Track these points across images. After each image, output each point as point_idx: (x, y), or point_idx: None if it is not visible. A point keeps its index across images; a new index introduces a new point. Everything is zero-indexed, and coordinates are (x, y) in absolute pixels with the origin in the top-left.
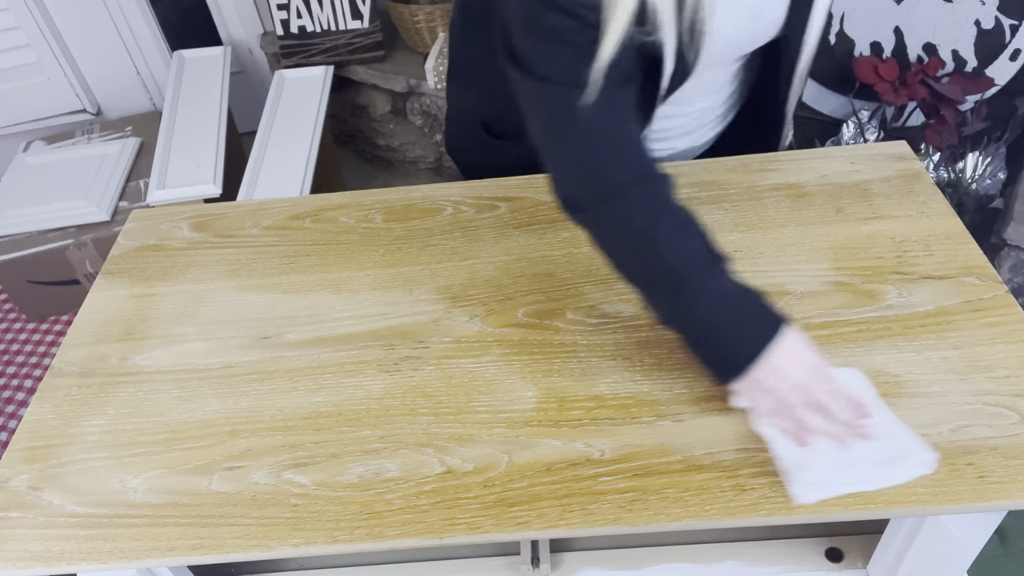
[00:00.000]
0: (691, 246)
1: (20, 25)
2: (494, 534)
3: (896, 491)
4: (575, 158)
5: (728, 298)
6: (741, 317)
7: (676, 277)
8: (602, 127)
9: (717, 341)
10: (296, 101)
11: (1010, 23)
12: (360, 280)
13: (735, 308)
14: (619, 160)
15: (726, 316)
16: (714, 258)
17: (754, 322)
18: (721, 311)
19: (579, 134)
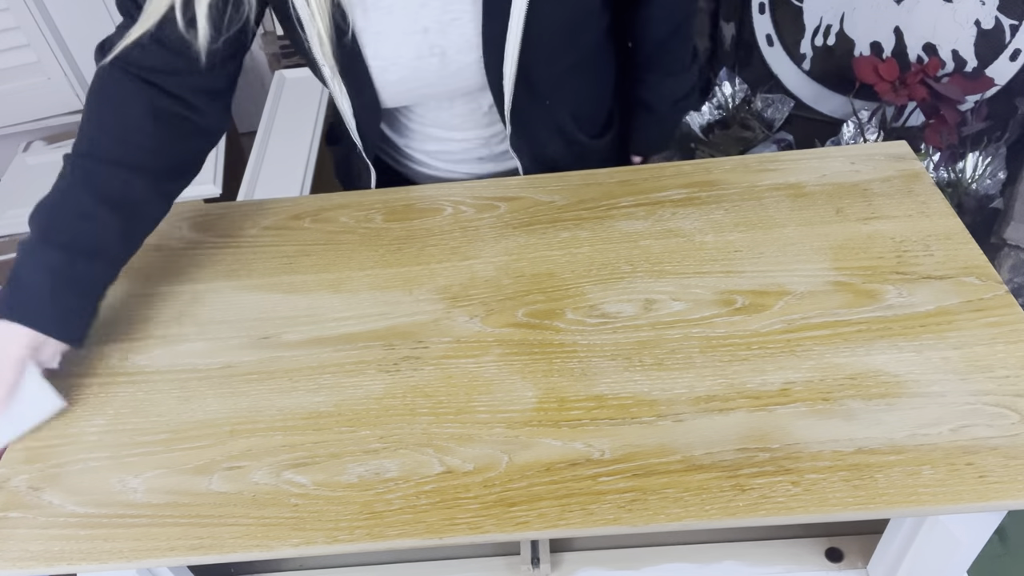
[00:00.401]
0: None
1: (20, 25)
2: (494, 534)
3: (896, 491)
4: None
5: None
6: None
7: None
8: (98, 91)
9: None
10: (296, 101)
11: (1010, 23)
12: (360, 280)
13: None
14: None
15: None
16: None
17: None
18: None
19: (90, 91)
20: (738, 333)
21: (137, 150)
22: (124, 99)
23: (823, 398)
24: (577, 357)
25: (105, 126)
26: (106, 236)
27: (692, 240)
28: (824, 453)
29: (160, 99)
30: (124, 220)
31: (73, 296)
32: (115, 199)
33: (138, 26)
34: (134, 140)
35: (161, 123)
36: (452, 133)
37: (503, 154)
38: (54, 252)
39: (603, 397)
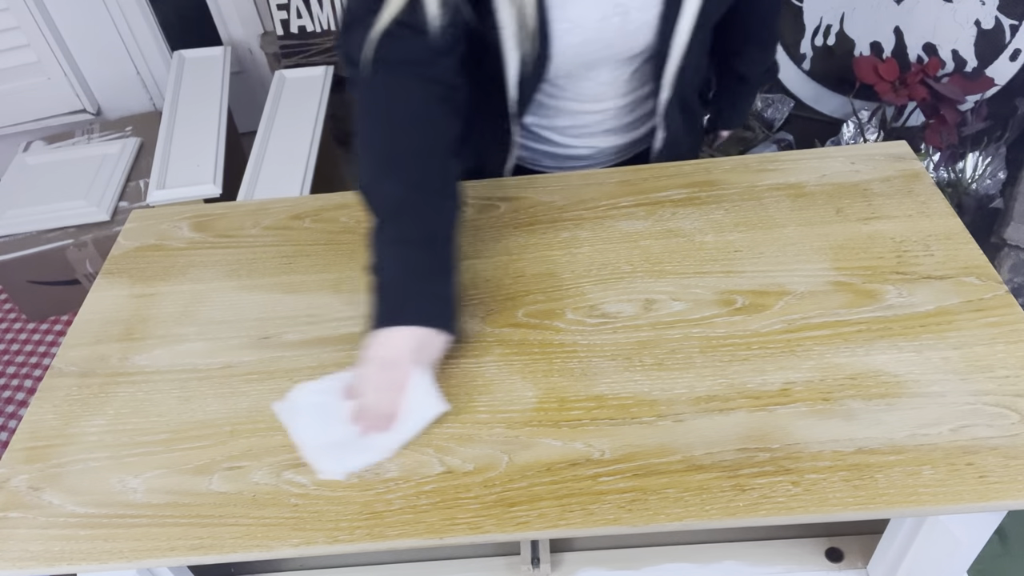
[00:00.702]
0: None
1: (20, 25)
2: (494, 534)
3: (896, 491)
4: (363, 136)
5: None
6: (413, 293)
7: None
8: (380, 103)
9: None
10: (296, 101)
11: (1010, 23)
12: (360, 280)
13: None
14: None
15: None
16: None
17: (413, 302)
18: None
19: (363, 111)
20: (738, 333)
21: (436, 146)
22: (409, 103)
23: (823, 398)
24: (577, 357)
25: (400, 140)
26: (442, 222)
27: (692, 240)
28: (824, 453)
29: (432, 89)
30: (452, 205)
31: (439, 286)
32: (436, 188)
33: (385, 15)
34: (430, 140)
35: (443, 112)
36: (589, 104)
37: (631, 124)
38: (407, 250)
39: (603, 397)
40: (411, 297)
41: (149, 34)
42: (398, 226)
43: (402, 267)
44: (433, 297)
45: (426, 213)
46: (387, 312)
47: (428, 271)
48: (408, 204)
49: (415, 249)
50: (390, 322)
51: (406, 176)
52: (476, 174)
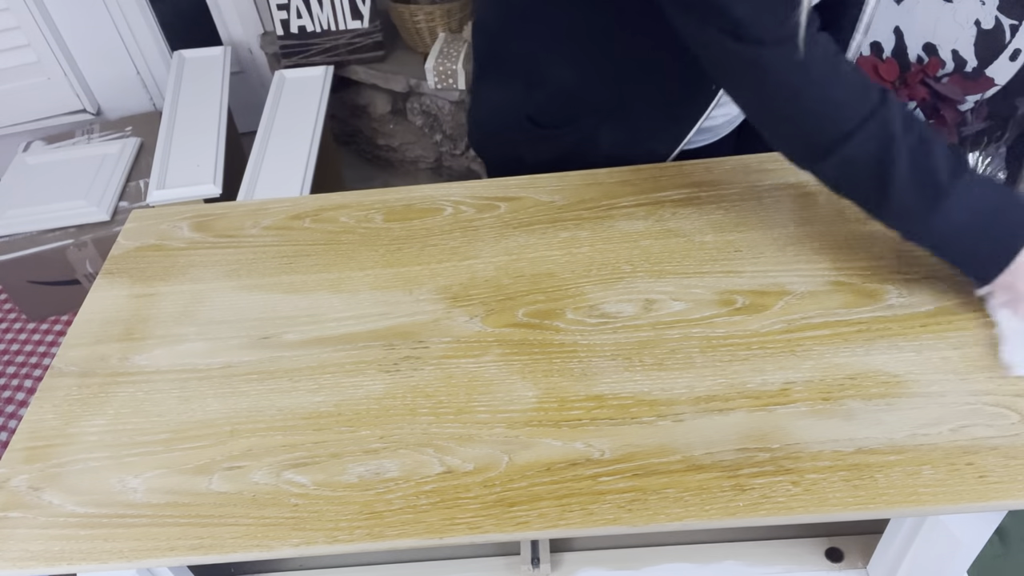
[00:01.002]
0: (932, 164)
1: (20, 25)
2: (494, 534)
3: (896, 491)
4: (803, 114)
5: (978, 206)
6: (996, 210)
7: (925, 195)
8: (823, 75)
9: (975, 246)
10: (296, 101)
11: (1010, 23)
12: (360, 280)
13: (987, 203)
14: (844, 103)
15: (980, 223)
16: (957, 167)
17: (1009, 223)
18: (972, 220)
19: (803, 89)
20: (738, 333)
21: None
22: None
23: (823, 398)
24: (577, 357)
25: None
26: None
27: (692, 240)
28: (824, 453)
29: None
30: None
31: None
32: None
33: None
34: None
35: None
36: None
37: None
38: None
39: (603, 397)
40: (1011, 210)
41: (149, 34)
42: (958, 164)
43: (972, 188)
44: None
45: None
46: (1009, 234)
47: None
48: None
49: (958, 170)
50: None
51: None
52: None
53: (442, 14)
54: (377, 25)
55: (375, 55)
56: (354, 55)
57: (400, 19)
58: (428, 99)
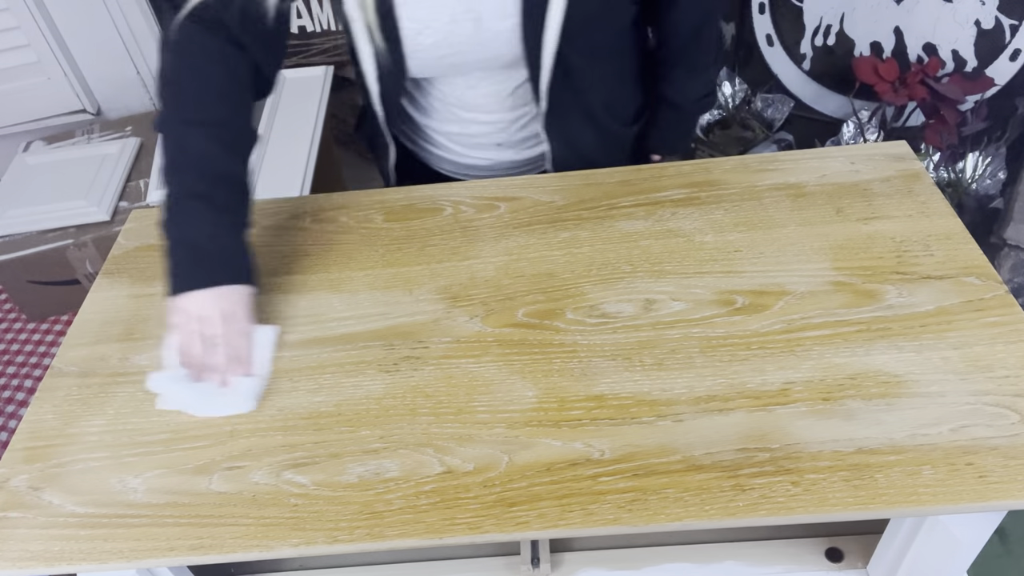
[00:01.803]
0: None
1: (20, 25)
2: (494, 534)
3: (896, 491)
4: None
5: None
6: (204, 257)
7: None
8: (176, 61)
9: (176, 263)
10: (296, 101)
11: (1010, 23)
12: (360, 280)
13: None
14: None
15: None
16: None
17: (207, 266)
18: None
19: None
20: (738, 333)
21: (221, 107)
22: (208, 56)
23: (823, 398)
24: (577, 357)
25: (189, 87)
26: (236, 193)
27: (692, 240)
28: (824, 453)
29: (236, 58)
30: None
31: (241, 245)
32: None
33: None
34: (216, 99)
35: (237, 81)
36: (475, 114)
37: (524, 141)
38: (208, 213)
39: (603, 397)
40: (206, 258)
41: (149, 34)
42: (195, 179)
43: (197, 225)
44: (230, 255)
45: (224, 170)
46: (186, 275)
47: (221, 229)
48: (208, 158)
49: (209, 205)
50: (191, 286)
51: (212, 131)
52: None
53: None
54: None
55: None
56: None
57: None
58: None
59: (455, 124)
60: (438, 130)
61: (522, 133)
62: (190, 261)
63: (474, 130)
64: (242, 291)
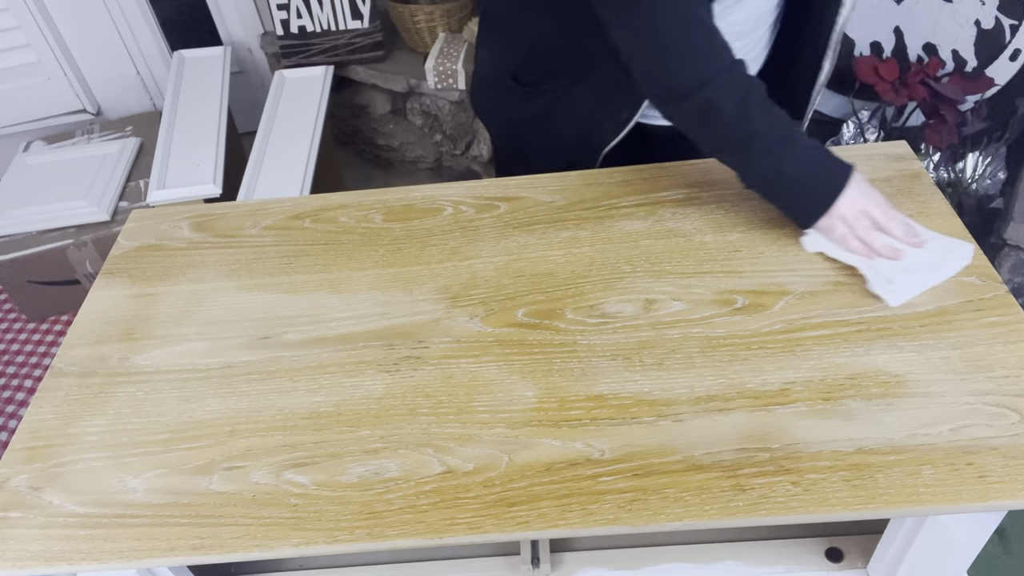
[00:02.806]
0: (775, 117)
1: (20, 25)
2: (494, 534)
3: (896, 491)
4: (666, 55)
5: (810, 155)
6: (822, 168)
7: (769, 144)
8: (685, 24)
9: (805, 190)
10: (296, 101)
11: (1010, 23)
12: (360, 280)
13: (816, 161)
14: (705, 52)
15: (810, 169)
16: (793, 124)
17: (831, 170)
18: (805, 166)
19: (669, 30)
20: (738, 333)
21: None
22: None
23: (823, 398)
24: (577, 357)
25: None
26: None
27: (692, 240)
28: (824, 453)
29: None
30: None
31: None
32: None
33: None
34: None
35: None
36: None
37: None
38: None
39: (603, 397)
40: (829, 164)
41: (149, 34)
42: (768, 114)
43: (800, 144)
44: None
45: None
46: (827, 183)
47: (808, 141)
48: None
49: (789, 129)
50: (835, 190)
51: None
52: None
53: (442, 14)
54: (377, 25)
55: (375, 55)
56: (354, 55)
57: (400, 19)
58: (428, 99)
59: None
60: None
61: (760, 24)
62: (820, 170)
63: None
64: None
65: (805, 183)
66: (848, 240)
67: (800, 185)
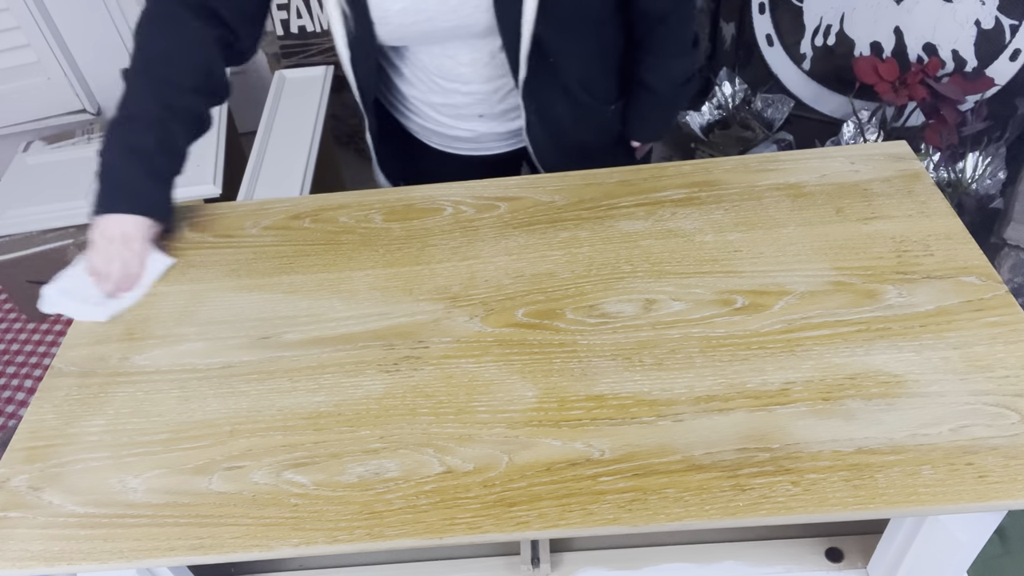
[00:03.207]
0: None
1: (20, 25)
2: (494, 534)
3: (896, 491)
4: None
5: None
6: (124, 181)
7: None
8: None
9: (100, 190)
10: (296, 101)
11: (1010, 23)
12: (360, 280)
13: (124, 173)
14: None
15: (119, 175)
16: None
17: (123, 191)
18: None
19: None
20: (738, 333)
21: (185, 71)
22: (178, 23)
23: (823, 398)
24: (577, 357)
25: (157, 49)
26: (168, 139)
27: (692, 240)
28: (824, 453)
29: (209, 25)
30: (179, 126)
31: (160, 184)
32: (171, 110)
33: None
34: (183, 62)
35: (207, 47)
36: (456, 84)
37: (506, 113)
38: (134, 152)
39: (603, 397)
40: (127, 189)
41: None
42: (134, 128)
43: (125, 163)
44: (160, 195)
45: (164, 128)
46: (105, 201)
47: (151, 173)
48: (153, 115)
49: (144, 154)
50: (108, 209)
51: (161, 89)
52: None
53: None
54: None
55: None
56: None
57: None
58: None
59: (437, 94)
60: (422, 100)
61: (502, 105)
62: (110, 190)
63: (456, 100)
64: (146, 221)
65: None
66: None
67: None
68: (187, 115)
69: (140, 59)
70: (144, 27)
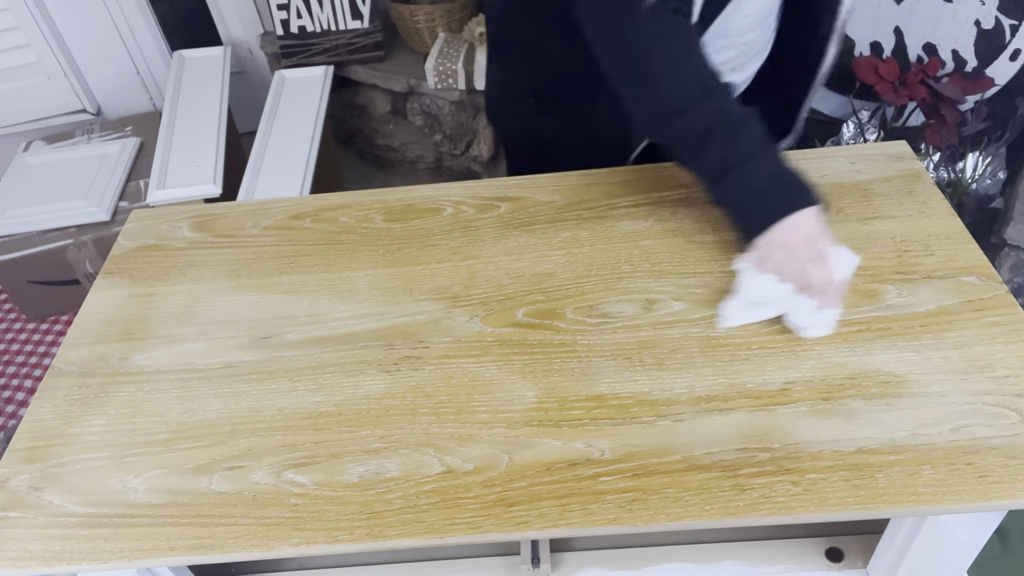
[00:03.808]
0: (748, 134)
1: (20, 25)
2: (494, 534)
3: (896, 491)
4: (644, 81)
5: (777, 169)
6: (782, 186)
7: (736, 163)
8: (667, 46)
9: (759, 204)
10: (296, 101)
11: (1010, 23)
12: (360, 280)
13: (781, 176)
14: (689, 76)
15: (772, 187)
16: (767, 145)
17: (790, 190)
18: (769, 176)
19: (648, 55)
20: (738, 333)
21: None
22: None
23: (823, 398)
24: (577, 357)
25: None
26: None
27: (692, 240)
28: (824, 453)
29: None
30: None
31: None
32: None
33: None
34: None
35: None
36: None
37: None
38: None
39: (603, 397)
40: (796, 185)
41: (149, 34)
42: (749, 132)
43: (773, 162)
44: (803, 182)
45: (751, 123)
46: (788, 199)
47: (786, 163)
48: (739, 116)
49: (767, 147)
50: (795, 207)
51: (724, 95)
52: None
53: (442, 14)
54: (377, 25)
55: (375, 55)
56: (354, 55)
57: (400, 19)
58: (428, 99)
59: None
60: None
61: (753, 49)
62: (784, 187)
63: (721, 58)
64: (818, 212)
65: (762, 191)
66: (786, 266)
67: (757, 192)
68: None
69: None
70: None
